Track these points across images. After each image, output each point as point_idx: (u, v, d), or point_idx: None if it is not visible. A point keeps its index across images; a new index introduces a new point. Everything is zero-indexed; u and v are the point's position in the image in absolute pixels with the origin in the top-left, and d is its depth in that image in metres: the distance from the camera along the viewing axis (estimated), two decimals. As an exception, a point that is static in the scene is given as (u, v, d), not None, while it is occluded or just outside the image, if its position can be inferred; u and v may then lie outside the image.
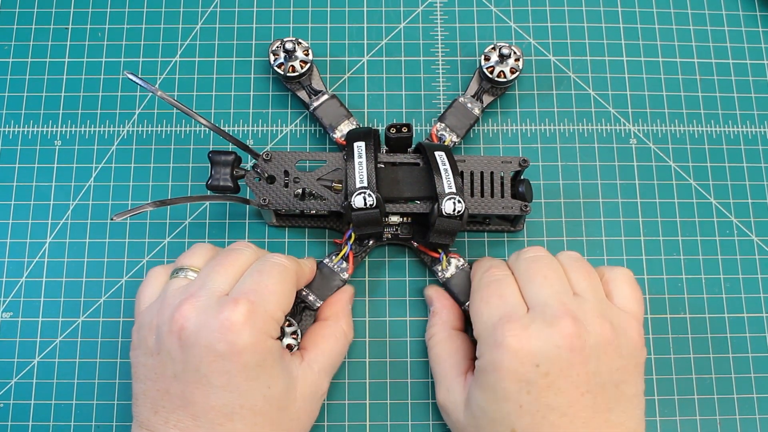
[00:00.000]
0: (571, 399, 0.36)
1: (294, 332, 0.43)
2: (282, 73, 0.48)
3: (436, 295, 0.45)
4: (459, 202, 0.41)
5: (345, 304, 0.45)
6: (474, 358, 0.40)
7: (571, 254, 0.42)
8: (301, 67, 0.48)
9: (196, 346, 0.36)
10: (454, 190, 0.41)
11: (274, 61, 0.48)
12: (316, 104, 0.48)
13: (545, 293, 0.39)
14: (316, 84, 0.49)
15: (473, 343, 0.42)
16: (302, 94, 0.49)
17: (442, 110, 0.50)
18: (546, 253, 0.41)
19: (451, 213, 0.41)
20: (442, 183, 0.41)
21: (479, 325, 0.39)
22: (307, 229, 0.48)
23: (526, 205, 0.44)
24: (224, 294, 0.38)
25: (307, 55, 0.48)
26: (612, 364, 0.37)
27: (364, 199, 0.41)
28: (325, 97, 0.48)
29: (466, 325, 0.45)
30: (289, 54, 0.48)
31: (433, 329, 0.44)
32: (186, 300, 0.37)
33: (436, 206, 0.41)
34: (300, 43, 0.48)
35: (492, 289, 0.40)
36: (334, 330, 0.43)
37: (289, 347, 0.43)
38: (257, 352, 0.36)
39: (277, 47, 0.48)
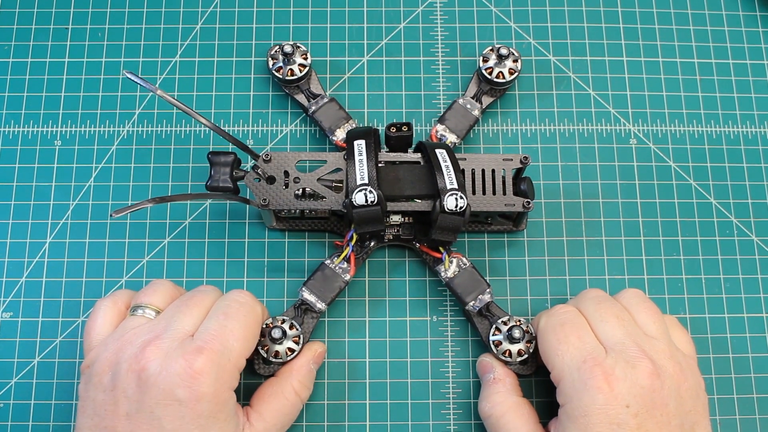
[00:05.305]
0: None
1: (296, 336, 0.43)
2: (280, 76, 0.48)
3: (496, 361, 0.43)
4: (461, 198, 0.41)
5: (303, 362, 0.43)
6: (540, 422, 0.41)
7: (637, 292, 0.43)
8: (300, 71, 0.48)
9: (155, 388, 0.36)
10: (455, 186, 0.41)
11: (273, 65, 0.48)
12: (314, 108, 0.48)
13: (620, 334, 0.39)
14: (315, 87, 0.49)
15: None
16: (301, 98, 0.49)
17: (442, 110, 0.50)
18: (608, 295, 0.42)
19: (453, 209, 0.41)
20: (444, 179, 0.41)
21: (560, 366, 0.39)
22: (306, 231, 0.48)
23: (528, 202, 0.43)
24: (188, 336, 0.38)
25: (305, 58, 0.48)
26: (686, 406, 0.38)
27: (365, 196, 0.40)
28: (324, 100, 0.48)
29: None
30: (288, 58, 0.47)
31: (497, 397, 0.42)
32: (151, 341, 0.37)
33: (438, 202, 0.41)
34: (298, 46, 0.48)
35: (568, 330, 0.39)
36: (282, 388, 0.42)
37: (290, 350, 0.43)
38: (214, 402, 0.36)
39: (276, 51, 0.48)
